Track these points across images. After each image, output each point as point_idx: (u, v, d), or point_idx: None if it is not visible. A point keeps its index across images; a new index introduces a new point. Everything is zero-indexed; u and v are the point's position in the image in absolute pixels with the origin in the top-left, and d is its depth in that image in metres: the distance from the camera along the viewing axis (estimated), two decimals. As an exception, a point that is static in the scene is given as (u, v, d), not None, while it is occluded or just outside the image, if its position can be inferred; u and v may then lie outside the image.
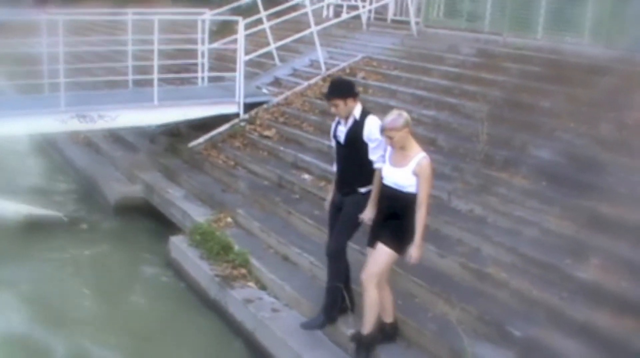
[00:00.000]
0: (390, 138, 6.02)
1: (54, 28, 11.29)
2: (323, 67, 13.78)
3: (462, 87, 11.09)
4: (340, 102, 6.54)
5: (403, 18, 16.66)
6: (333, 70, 13.58)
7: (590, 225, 7.12)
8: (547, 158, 8.59)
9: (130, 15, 13.39)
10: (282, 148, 11.42)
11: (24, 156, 15.42)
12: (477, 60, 12.21)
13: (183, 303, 8.81)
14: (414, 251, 6.06)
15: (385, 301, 6.44)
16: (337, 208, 6.84)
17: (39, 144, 15.65)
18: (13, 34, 16.06)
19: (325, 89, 12.54)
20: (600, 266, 6.54)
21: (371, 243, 6.32)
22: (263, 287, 8.20)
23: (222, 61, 14.96)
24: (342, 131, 6.70)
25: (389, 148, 6.20)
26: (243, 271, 8.52)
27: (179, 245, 9.55)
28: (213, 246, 9.03)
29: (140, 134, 13.89)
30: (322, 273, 7.82)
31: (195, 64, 14.20)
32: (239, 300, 7.95)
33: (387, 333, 6.56)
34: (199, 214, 10.15)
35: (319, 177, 10.05)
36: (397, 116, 6.02)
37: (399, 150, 6.09)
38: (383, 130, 6.05)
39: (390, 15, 17.63)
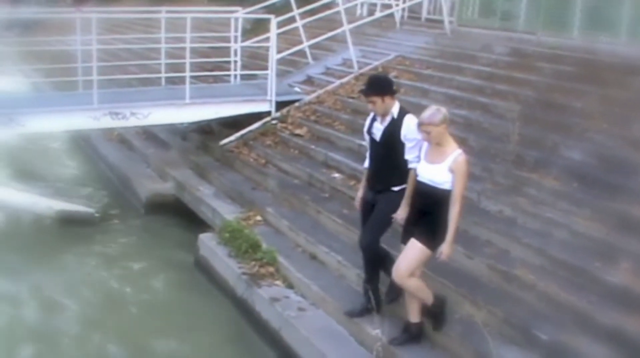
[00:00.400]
0: (428, 133, 5.99)
1: (88, 26, 11.39)
2: (355, 65, 13.75)
3: (495, 87, 10.99)
4: (377, 99, 6.47)
5: (437, 17, 16.57)
6: (365, 69, 13.53)
7: (621, 228, 7.01)
8: (578, 159, 8.47)
9: (163, 13, 13.47)
10: (313, 147, 11.40)
11: (59, 152, 15.66)
12: (510, 59, 12.10)
13: (211, 301, 8.82)
14: (445, 248, 6.03)
15: (415, 301, 6.39)
16: (369, 205, 6.80)
17: (74, 141, 15.89)
18: (52, 31, 16.27)
19: (358, 87, 12.71)
20: (631, 269, 6.43)
21: (405, 240, 6.28)
22: (290, 286, 8.17)
23: (256, 59, 15.01)
24: (378, 129, 6.64)
25: (424, 145, 6.17)
26: (271, 269, 8.50)
27: (207, 242, 9.56)
28: (241, 244, 9.01)
29: (173, 131, 14.00)
30: (349, 272, 7.85)
31: (229, 62, 14.25)
32: (266, 298, 7.93)
33: (412, 333, 6.51)
34: (229, 212, 10.17)
35: (349, 176, 10.02)
36: (436, 111, 5.99)
37: (435, 146, 6.06)
38: (420, 124, 6.02)
39: (424, 13, 17.54)
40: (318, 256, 8.50)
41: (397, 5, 16.56)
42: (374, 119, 6.72)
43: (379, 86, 6.61)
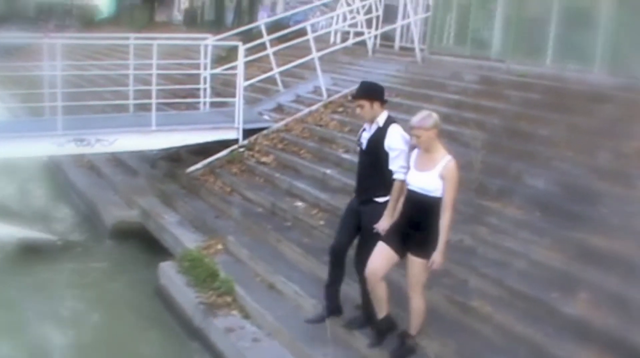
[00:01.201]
0: (418, 137, 5.93)
1: (66, 52, 11.26)
2: (325, 93, 13.64)
3: (462, 115, 10.86)
4: (366, 104, 6.44)
5: (410, 45, 16.49)
6: (335, 96, 13.46)
7: (581, 257, 6.89)
8: (542, 188, 8.35)
9: (131, 39, 13.37)
10: (277, 175, 11.28)
11: (29, 179, 15.50)
12: (479, 87, 12.00)
13: (168, 331, 8.64)
14: (437, 256, 5.94)
15: (382, 294, 6.31)
16: (353, 212, 6.73)
17: (45, 167, 15.74)
18: (32, 57, 16.18)
19: (327, 115, 12.62)
20: (589, 300, 6.30)
21: (388, 242, 6.14)
22: (246, 316, 8.00)
23: (228, 86, 14.91)
24: (364, 137, 6.61)
25: (414, 153, 6.11)
26: (228, 299, 8.33)
27: (167, 271, 9.39)
28: (200, 273, 8.86)
29: (142, 158, 13.87)
30: (306, 303, 7.72)
31: (199, 89, 14.14)
32: (221, 328, 7.77)
33: (382, 328, 6.49)
34: (191, 241, 10.01)
35: (312, 205, 9.92)
36: (427, 116, 5.95)
37: (425, 153, 6.00)
38: (411, 128, 5.96)
39: (397, 41, 17.47)
40: (276, 286, 8.34)
41: (369, 32, 16.47)
42: (364, 129, 6.68)
43: (369, 90, 6.63)
